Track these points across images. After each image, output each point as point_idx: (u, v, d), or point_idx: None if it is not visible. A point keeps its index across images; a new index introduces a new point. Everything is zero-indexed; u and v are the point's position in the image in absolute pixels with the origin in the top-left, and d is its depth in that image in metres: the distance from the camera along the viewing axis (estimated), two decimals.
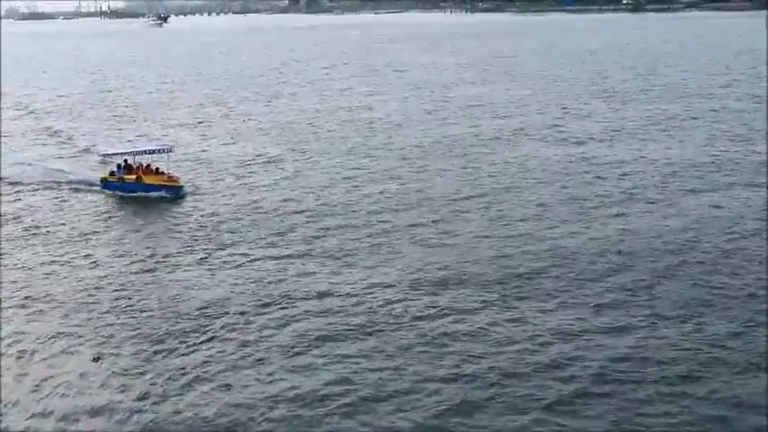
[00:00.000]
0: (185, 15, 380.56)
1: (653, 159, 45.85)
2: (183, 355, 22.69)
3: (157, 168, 42.00)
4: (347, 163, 47.12)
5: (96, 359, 22.49)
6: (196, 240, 33.22)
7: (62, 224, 36.28)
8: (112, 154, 44.32)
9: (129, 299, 27.01)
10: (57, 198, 40.97)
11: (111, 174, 42.46)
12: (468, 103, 69.79)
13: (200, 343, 23.37)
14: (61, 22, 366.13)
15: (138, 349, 23.09)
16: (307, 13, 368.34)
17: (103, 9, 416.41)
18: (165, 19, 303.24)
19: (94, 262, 30.93)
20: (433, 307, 25.41)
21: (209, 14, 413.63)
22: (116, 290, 27.86)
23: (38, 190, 42.52)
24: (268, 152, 50.93)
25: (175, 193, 40.17)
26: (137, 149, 43.69)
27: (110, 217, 37.86)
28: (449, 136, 54.68)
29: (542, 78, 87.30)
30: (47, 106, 75.48)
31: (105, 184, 42.16)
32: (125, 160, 42.62)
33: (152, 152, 42.64)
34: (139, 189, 40.76)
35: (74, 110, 72.56)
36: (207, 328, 24.29)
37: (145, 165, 42.06)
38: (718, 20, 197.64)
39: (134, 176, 41.23)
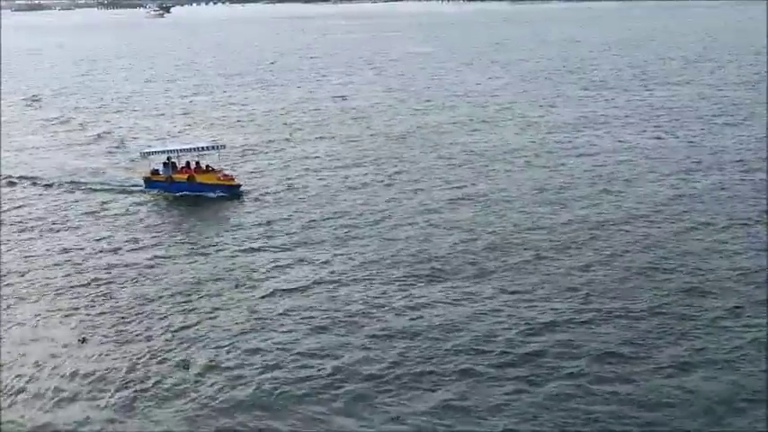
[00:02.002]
0: (182, 5, 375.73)
1: (631, 146, 45.87)
2: (171, 337, 22.66)
3: (208, 166, 38.99)
4: (336, 151, 46.93)
5: (83, 341, 22.74)
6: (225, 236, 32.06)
7: (114, 227, 33.45)
8: (158, 152, 40.91)
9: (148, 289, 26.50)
10: (100, 201, 37.76)
11: (155, 172, 39.36)
12: (451, 92, 70.28)
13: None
14: (58, 14, 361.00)
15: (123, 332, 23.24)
16: (304, 2, 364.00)
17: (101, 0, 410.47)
18: (167, 9, 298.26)
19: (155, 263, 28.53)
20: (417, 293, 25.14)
21: (207, 4, 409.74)
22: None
23: (73, 192, 39.52)
24: (269, 140, 50.87)
25: (232, 193, 37.16)
26: (184, 146, 40.71)
27: (164, 218, 35.05)
28: (430, 123, 54.96)
29: (527, 67, 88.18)
30: (66, 104, 72.72)
31: (150, 183, 39.05)
32: (168, 158, 39.56)
33: (201, 149, 39.59)
34: (191, 189, 37.72)
35: (89, 106, 69.88)
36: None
37: (194, 162, 39.03)
38: (713, 9, 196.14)
39: (185, 175, 38.17)
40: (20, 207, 36.82)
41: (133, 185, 39.61)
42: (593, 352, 20.87)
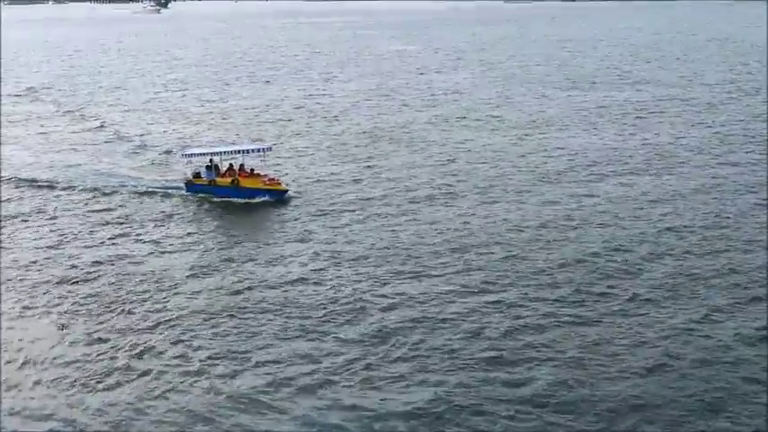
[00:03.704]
0: (183, 0, 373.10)
1: (605, 144, 47.98)
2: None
3: (252, 170, 38.62)
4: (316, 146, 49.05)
5: (62, 328, 23.45)
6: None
7: (155, 232, 33.13)
8: (199, 153, 40.48)
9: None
10: (139, 204, 37.30)
11: (197, 176, 38.93)
12: (429, 90, 72.64)
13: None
14: (53, 8, 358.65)
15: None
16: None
17: None
18: (164, 4, 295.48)
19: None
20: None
21: None
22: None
23: (111, 194, 38.96)
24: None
25: (278, 198, 36.84)
26: (230, 148, 40.33)
27: (204, 224, 34.71)
28: (408, 120, 57.21)
29: (508, 66, 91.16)
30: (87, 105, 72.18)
31: (191, 187, 38.61)
32: (210, 160, 39.21)
33: (249, 152, 39.19)
34: (235, 193, 37.33)
35: (107, 104, 69.48)
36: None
37: (238, 166, 38.65)
38: (712, 8, 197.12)
39: (229, 179, 37.83)
40: (67, 211, 36.51)
41: (175, 188, 39.12)
42: (569, 351, 21.37)
